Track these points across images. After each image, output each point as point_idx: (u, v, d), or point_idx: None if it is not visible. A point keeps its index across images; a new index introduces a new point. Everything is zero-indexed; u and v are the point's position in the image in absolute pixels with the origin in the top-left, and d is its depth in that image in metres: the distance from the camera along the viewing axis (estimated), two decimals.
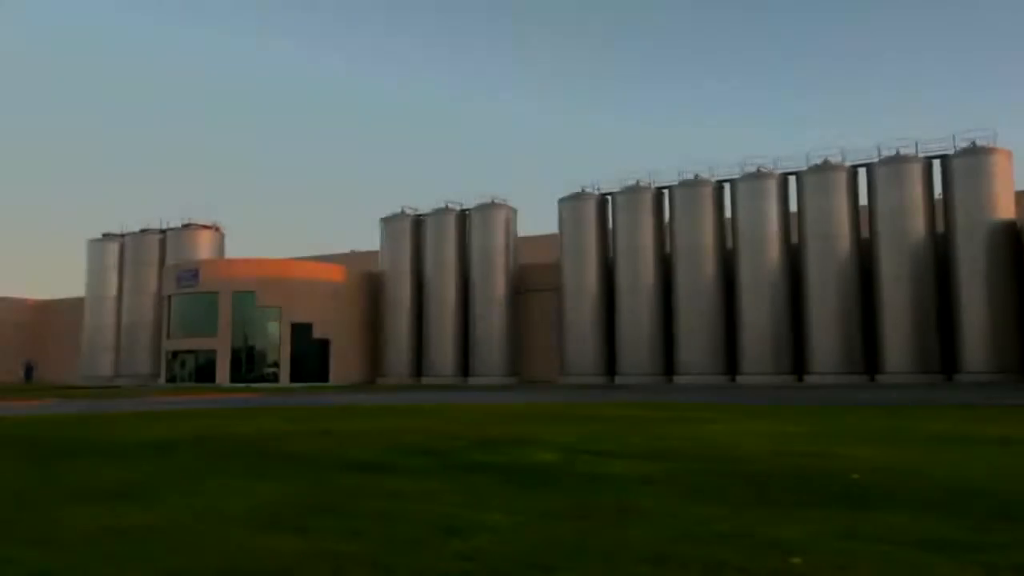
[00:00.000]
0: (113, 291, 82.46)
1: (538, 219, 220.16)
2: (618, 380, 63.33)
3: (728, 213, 63.15)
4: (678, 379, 61.43)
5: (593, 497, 8.53)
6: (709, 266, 61.86)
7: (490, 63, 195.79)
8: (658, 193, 65.40)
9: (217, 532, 6.80)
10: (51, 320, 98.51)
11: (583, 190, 67.96)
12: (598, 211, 67.06)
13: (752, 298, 59.66)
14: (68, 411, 26.38)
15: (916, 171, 56.56)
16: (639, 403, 28.96)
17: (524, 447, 13.13)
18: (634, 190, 65.43)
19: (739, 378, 59.48)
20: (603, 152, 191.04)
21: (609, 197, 67.37)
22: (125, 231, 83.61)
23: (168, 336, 70.45)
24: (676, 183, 64.40)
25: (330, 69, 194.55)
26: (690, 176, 64.23)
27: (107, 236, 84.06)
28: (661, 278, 64.05)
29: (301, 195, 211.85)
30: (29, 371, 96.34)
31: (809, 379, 56.94)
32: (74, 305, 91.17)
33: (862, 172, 59.19)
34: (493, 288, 70.06)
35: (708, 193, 62.76)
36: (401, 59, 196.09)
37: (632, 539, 6.49)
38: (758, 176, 60.87)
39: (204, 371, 66.90)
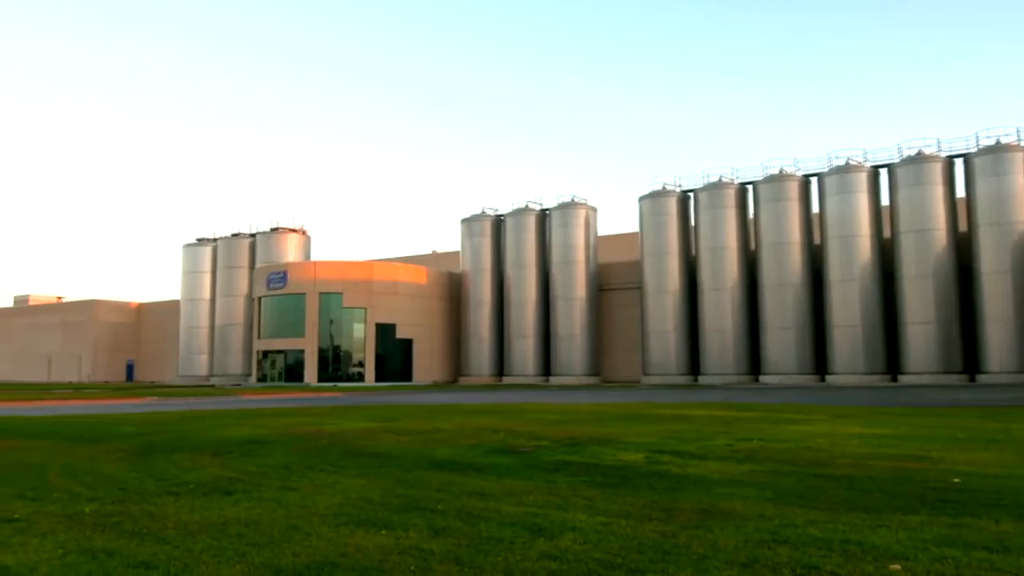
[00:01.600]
0: (207, 293, 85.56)
1: (618, 217, 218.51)
2: (702, 380, 62.30)
3: (815, 208, 61.38)
4: (764, 379, 60.03)
5: (677, 498, 8.40)
6: (796, 263, 60.22)
7: (569, 63, 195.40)
8: (741, 189, 64.05)
9: (308, 527, 6.97)
10: (149, 321, 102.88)
11: (664, 187, 67.13)
12: (679, 208, 66.13)
13: (842, 295, 57.80)
14: (166, 409, 27.53)
15: (1019, 160, 53.72)
16: (723, 403, 28.42)
17: (607, 447, 13.04)
18: (717, 186, 64.25)
19: (829, 378, 57.70)
20: (684, 150, 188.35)
21: (691, 194, 66.34)
22: (217, 236, 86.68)
23: (259, 336, 72.70)
24: (760, 178, 62.93)
25: (411, 72, 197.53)
26: (775, 171, 62.69)
27: (201, 241, 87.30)
28: (746, 275, 62.72)
29: (384, 197, 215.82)
30: (130, 370, 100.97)
31: (904, 379, 54.78)
32: (170, 307, 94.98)
33: (959, 163, 56.56)
34: (573, 287, 69.88)
35: (794, 188, 61.07)
36: (479, 60, 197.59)
37: (720, 542, 6.37)
38: (847, 169, 58.87)
39: (293, 371, 68.80)
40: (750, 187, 63.92)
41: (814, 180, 61.46)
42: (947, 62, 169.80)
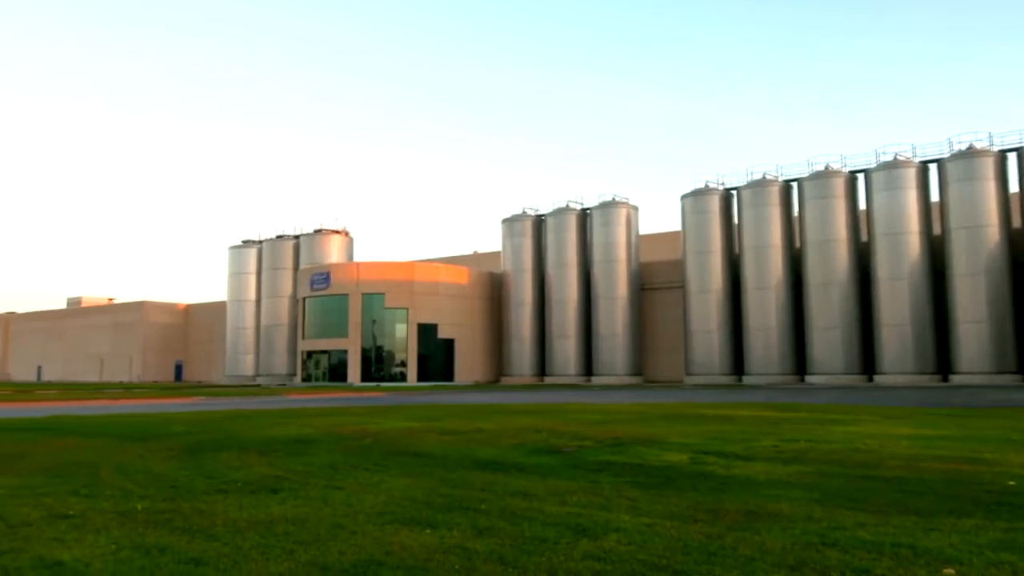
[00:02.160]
0: (252, 294, 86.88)
1: (660, 216, 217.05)
2: (746, 380, 61.57)
3: (862, 205, 60.28)
4: (810, 379, 59.12)
5: (722, 500, 8.31)
6: (842, 261, 59.19)
7: (608, 63, 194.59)
8: (786, 186, 63.15)
9: (353, 526, 7.04)
10: (197, 322, 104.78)
11: (706, 185, 66.49)
12: (722, 206, 65.44)
13: (890, 293, 56.67)
14: (213, 409, 28.02)
15: None
16: (768, 404, 28.06)
17: (650, 447, 12.95)
18: (760, 184, 63.43)
19: (877, 378, 56.62)
20: (724, 149, 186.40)
21: (734, 192, 65.62)
22: (262, 238, 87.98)
23: (303, 337, 73.63)
24: (805, 175, 61.97)
25: (452, 73, 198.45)
26: (820, 167, 61.69)
27: (246, 243, 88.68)
28: (790, 274, 61.85)
29: (425, 198, 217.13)
30: (179, 370, 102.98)
31: (955, 379, 53.50)
32: (217, 308, 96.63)
33: (1011, 157, 55.06)
34: (615, 286, 69.54)
35: (840, 184, 60.02)
36: (519, 61, 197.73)
37: (767, 544, 6.28)
38: (895, 165, 57.68)
39: (337, 370, 69.55)
40: (794, 184, 62.99)
41: (861, 176, 60.36)
42: (1002, 55, 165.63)
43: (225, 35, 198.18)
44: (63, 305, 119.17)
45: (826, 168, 61.26)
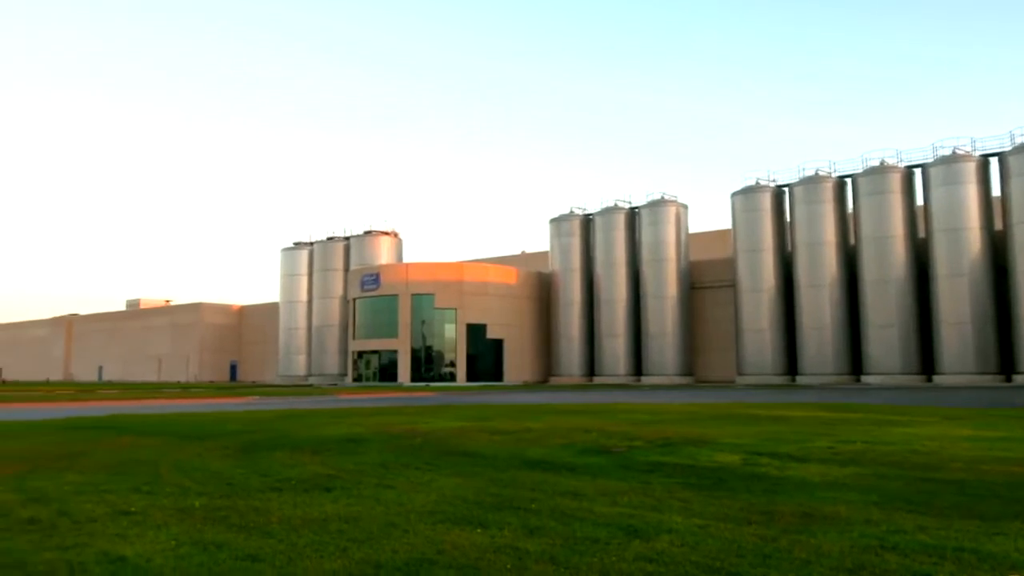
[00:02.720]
0: (304, 295, 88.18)
1: (709, 215, 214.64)
2: (799, 380, 60.52)
3: (920, 200, 58.79)
4: (866, 379, 57.86)
5: (777, 501, 8.18)
6: (899, 257, 57.79)
7: (655, 60, 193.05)
8: (839, 182, 61.91)
9: (405, 524, 7.10)
10: (251, 323, 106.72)
11: (757, 182, 65.54)
12: (774, 203, 64.43)
13: (950, 291, 55.14)
14: (267, 408, 28.52)
15: None
16: (823, 404, 27.54)
17: (702, 448, 12.81)
18: (813, 180, 62.28)
19: (936, 378, 55.16)
20: (773, 147, 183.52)
21: (785, 189, 64.57)
22: (313, 239, 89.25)
23: (353, 337, 74.50)
24: (860, 171, 60.67)
25: (499, 74, 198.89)
26: (875, 163, 60.34)
27: (298, 244, 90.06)
28: (845, 272, 60.62)
29: (473, 199, 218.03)
30: (234, 370, 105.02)
31: (1019, 379, 51.83)
32: (270, 309, 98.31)
33: None
34: (664, 285, 68.95)
35: (896, 180, 58.61)
36: (565, 61, 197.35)
37: (823, 547, 6.16)
38: (954, 159, 56.11)
39: (387, 370, 70.21)
40: (848, 180, 61.74)
41: (917, 172, 58.89)
42: None
43: (278, 39, 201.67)
44: (123, 307, 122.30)
45: (881, 163, 59.90)
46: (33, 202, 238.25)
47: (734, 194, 66.11)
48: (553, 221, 76.82)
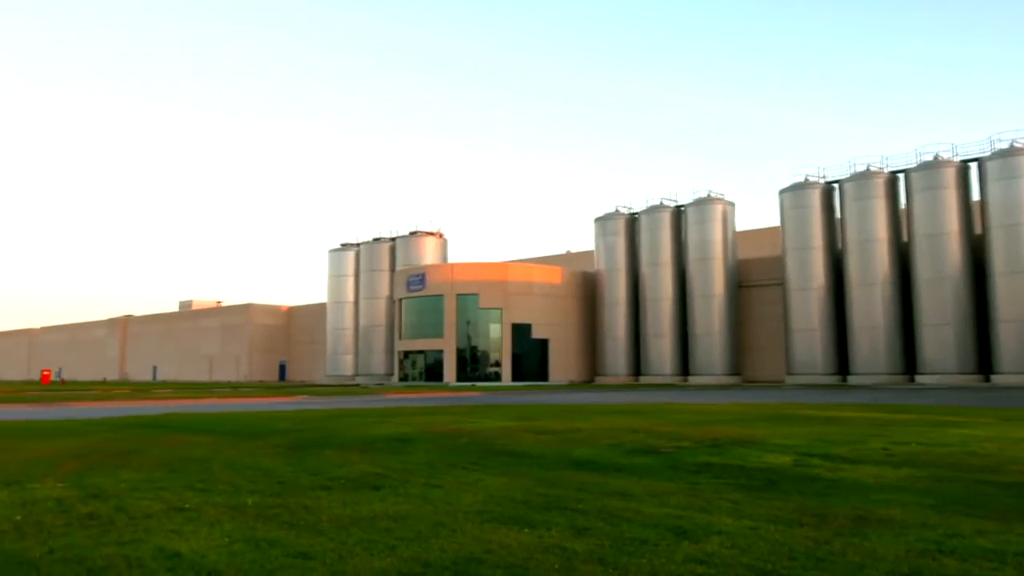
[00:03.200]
0: (351, 296, 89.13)
1: (757, 213, 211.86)
2: (851, 380, 59.36)
3: (976, 196, 57.22)
4: (920, 379, 56.52)
5: (829, 504, 8.03)
6: (954, 254, 56.33)
7: (696, 60, 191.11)
8: (891, 178, 60.57)
9: (453, 524, 7.12)
10: (299, 324, 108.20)
11: (806, 179, 64.46)
12: (823, 200, 63.29)
13: (1008, 288, 53.57)
14: (315, 408, 28.89)
15: None
16: (875, 405, 26.99)
17: (751, 449, 12.64)
18: (864, 176, 61.02)
19: (995, 378, 53.63)
20: (823, 142, 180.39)
21: (835, 185, 63.39)
22: (360, 240, 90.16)
23: (400, 337, 75.06)
24: (913, 166, 59.28)
25: (543, 74, 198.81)
26: (929, 157, 58.89)
27: (344, 246, 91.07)
28: (897, 269, 59.28)
29: (518, 199, 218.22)
30: (283, 370, 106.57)
31: None
32: (318, 310, 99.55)
33: None
34: (711, 284, 68.20)
35: (951, 174, 57.13)
36: (609, 61, 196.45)
37: (878, 550, 6.03)
38: (1012, 152, 54.50)
39: (433, 370, 70.60)
40: (901, 176, 60.39)
41: (973, 166, 57.34)
42: None
43: (323, 42, 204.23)
44: (175, 308, 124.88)
45: (935, 158, 58.46)
46: (91, 207, 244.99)
47: (782, 191, 65.11)
48: (598, 220, 76.50)
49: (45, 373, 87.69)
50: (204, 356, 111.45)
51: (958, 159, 57.69)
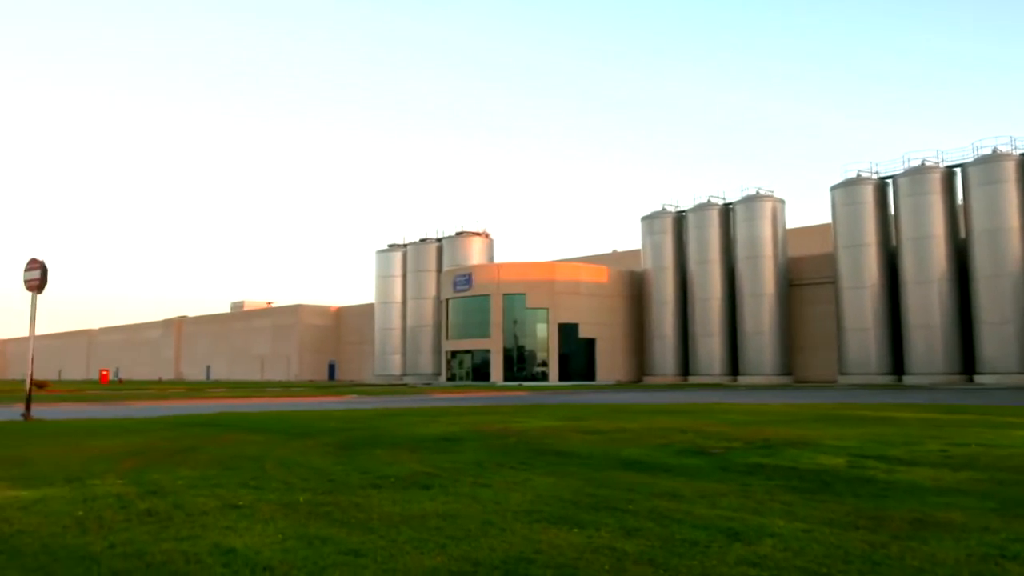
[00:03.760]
0: (398, 296, 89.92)
1: (807, 210, 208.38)
2: (906, 380, 58.05)
3: None
4: (980, 379, 55.01)
5: (885, 506, 7.85)
6: (1015, 250, 54.74)
7: (745, 57, 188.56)
8: (948, 173, 59.08)
9: (502, 523, 7.13)
10: (348, 324, 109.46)
11: (858, 175, 63.23)
12: (876, 196, 62.01)
13: None
14: (364, 407, 29.18)
15: None
16: (932, 405, 26.32)
17: (803, 450, 12.42)
18: (919, 171, 59.62)
19: None
20: (873, 139, 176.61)
21: (889, 181, 62.04)
22: (407, 241, 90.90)
23: (447, 337, 75.49)
24: (970, 160, 57.71)
25: (589, 73, 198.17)
26: (987, 150, 57.28)
27: (392, 247, 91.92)
28: (955, 266, 57.80)
29: (563, 198, 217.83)
30: (332, 370, 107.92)
31: None
32: (366, 310, 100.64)
33: None
34: (761, 283, 67.29)
35: (1011, 168, 55.51)
36: (652, 60, 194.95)
37: (938, 555, 5.88)
38: None
39: (480, 370, 70.88)
40: (958, 170, 58.85)
41: None
42: None
43: (370, 42, 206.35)
44: (228, 309, 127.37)
45: (994, 151, 56.84)
46: (147, 212, 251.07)
47: (833, 187, 63.94)
48: (645, 219, 76.00)
49: (104, 373, 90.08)
50: (256, 356, 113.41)
51: (1017, 153, 56.01)
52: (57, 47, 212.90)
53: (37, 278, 22.03)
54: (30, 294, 22.33)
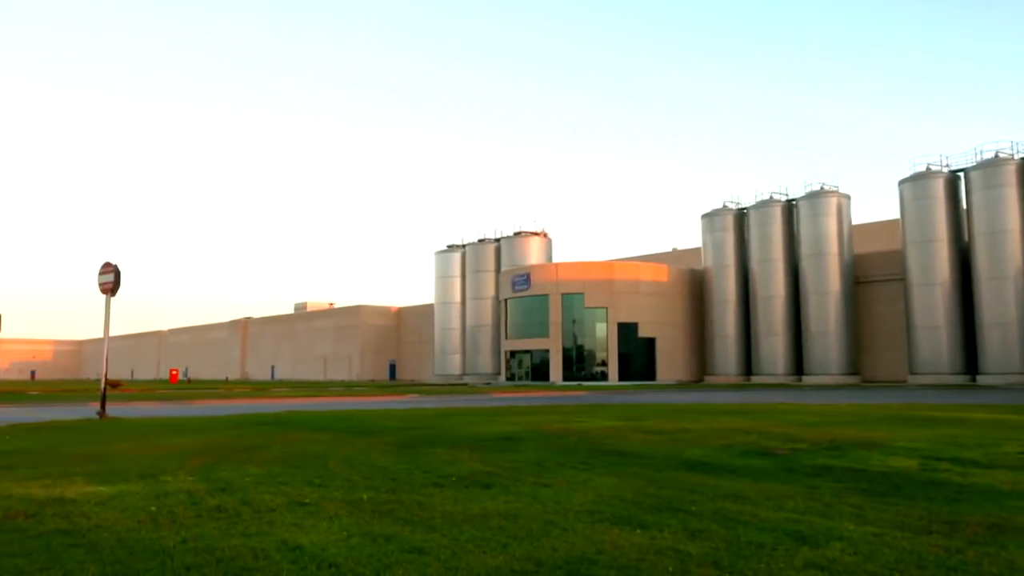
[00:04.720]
0: (458, 296, 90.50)
1: (873, 206, 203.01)
2: (980, 380, 56.09)
3: None
4: None
5: (960, 511, 7.59)
6: None
7: (803, 55, 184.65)
8: (1023, 165, 56.89)
9: (564, 523, 7.11)
10: (408, 324, 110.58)
11: (928, 168, 61.32)
12: (948, 190, 60.05)
13: None
14: (425, 407, 29.44)
15: None
16: (1009, 406, 25.37)
17: (873, 452, 12.10)
18: (993, 163, 57.55)
19: None
20: (941, 133, 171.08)
21: (960, 174, 60.03)
22: (465, 242, 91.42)
23: (506, 337, 75.65)
24: None
25: (647, 73, 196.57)
26: None
27: (451, 247, 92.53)
28: None
29: (622, 197, 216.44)
30: (393, 369, 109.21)
31: None
32: (426, 311, 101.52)
33: None
34: (826, 280, 65.78)
35: None
36: (712, 59, 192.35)
37: (1017, 562, 5.66)
38: None
39: (539, 370, 70.84)
40: None
41: None
42: None
43: (433, 45, 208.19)
44: (291, 310, 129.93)
45: None
46: (214, 216, 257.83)
47: (902, 182, 62.16)
48: (705, 216, 75.01)
49: (173, 372, 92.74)
50: (318, 356, 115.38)
51: None
52: (164, 54, 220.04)
53: (111, 281, 22.81)
54: (104, 296, 23.13)
